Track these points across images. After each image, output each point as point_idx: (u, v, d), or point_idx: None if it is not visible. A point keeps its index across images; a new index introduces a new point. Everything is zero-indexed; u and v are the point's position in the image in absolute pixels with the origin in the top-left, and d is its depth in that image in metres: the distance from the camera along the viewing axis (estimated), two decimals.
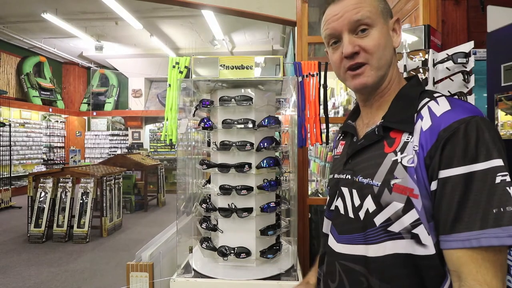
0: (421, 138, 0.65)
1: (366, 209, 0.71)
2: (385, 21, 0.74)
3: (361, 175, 0.73)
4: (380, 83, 0.76)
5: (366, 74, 0.73)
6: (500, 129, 1.18)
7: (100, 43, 9.08)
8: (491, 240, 0.56)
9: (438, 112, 0.65)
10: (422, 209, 0.64)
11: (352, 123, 0.86)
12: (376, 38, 0.72)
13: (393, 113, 0.73)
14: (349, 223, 0.76)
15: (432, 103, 0.68)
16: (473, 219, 0.57)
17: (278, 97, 1.75)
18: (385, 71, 0.75)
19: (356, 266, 0.72)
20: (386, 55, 0.74)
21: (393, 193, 0.67)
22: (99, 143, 11.78)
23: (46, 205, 4.79)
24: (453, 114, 0.63)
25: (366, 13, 0.71)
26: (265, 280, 1.41)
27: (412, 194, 0.65)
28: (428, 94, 0.71)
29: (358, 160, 0.76)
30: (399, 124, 0.70)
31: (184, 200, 1.66)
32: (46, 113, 10.26)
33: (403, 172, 0.66)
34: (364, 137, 0.77)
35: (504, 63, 1.15)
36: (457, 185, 0.59)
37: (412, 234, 0.65)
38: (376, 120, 0.77)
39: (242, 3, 2.04)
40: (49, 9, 7.02)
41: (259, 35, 8.62)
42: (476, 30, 1.64)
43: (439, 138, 0.62)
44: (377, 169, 0.70)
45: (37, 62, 9.90)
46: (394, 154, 0.68)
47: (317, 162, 4.79)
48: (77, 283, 3.40)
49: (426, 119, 0.66)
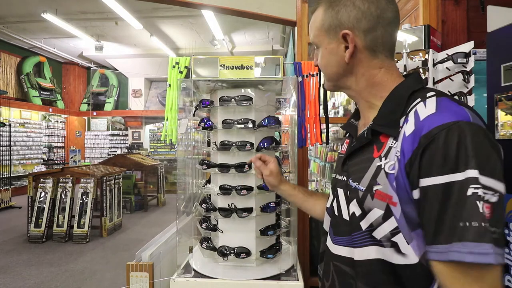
0: (403, 144, 0.62)
1: (353, 212, 0.72)
2: (332, 38, 0.76)
3: (351, 178, 0.74)
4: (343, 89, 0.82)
5: (325, 80, 0.86)
6: (500, 129, 1.18)
7: (100, 43, 9.08)
8: (454, 255, 0.53)
9: (422, 116, 0.62)
10: (401, 217, 0.63)
11: (354, 123, 0.86)
12: (320, 57, 0.81)
13: (382, 116, 0.71)
14: (342, 225, 0.77)
15: (420, 105, 0.65)
16: (449, 232, 0.55)
17: (278, 97, 1.75)
18: (336, 82, 0.81)
19: (346, 268, 0.73)
20: (330, 72, 0.80)
21: (374, 199, 0.66)
22: (99, 143, 11.78)
23: (46, 205, 4.79)
24: (436, 118, 0.60)
25: (312, 37, 0.82)
26: (265, 280, 1.41)
27: (391, 202, 0.64)
28: (422, 93, 0.68)
29: (352, 163, 0.77)
30: (385, 128, 0.68)
31: (184, 200, 1.66)
32: (46, 113, 10.26)
33: (384, 179, 0.65)
34: (357, 139, 0.77)
35: (504, 63, 1.15)
36: (436, 196, 0.57)
37: (391, 242, 0.65)
38: (368, 121, 0.76)
39: (242, 3, 2.04)
40: (49, 9, 7.02)
41: (259, 35, 8.62)
42: (476, 30, 1.64)
43: (419, 145, 0.59)
44: (364, 174, 0.70)
45: (37, 62, 9.90)
46: (379, 160, 0.67)
47: (317, 162, 4.79)
48: (77, 283, 3.40)
49: (410, 123, 0.63)
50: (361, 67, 0.75)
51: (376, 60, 0.74)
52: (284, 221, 1.68)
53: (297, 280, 1.42)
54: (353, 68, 0.76)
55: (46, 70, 10.29)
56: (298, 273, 1.48)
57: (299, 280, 1.42)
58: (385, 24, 0.72)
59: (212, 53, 9.26)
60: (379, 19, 0.71)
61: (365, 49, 0.74)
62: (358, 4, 0.71)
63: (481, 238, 0.52)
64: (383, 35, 0.73)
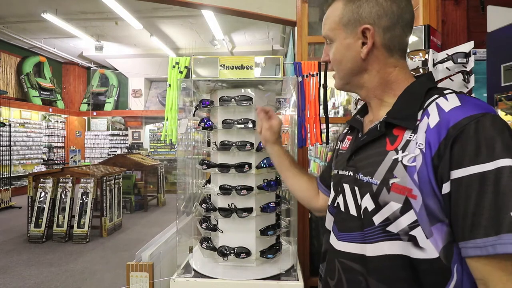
0: (428, 136, 0.61)
1: (365, 207, 0.70)
2: (350, 32, 0.74)
3: (362, 173, 0.72)
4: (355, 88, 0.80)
5: (336, 79, 0.82)
6: None
7: (100, 43, 9.08)
8: (507, 247, 0.51)
9: (447, 108, 0.62)
10: (422, 210, 0.62)
11: (360, 118, 0.85)
12: (333, 52, 0.78)
13: (397, 110, 0.71)
14: (349, 220, 0.75)
15: (441, 99, 0.65)
16: (490, 223, 0.53)
17: (278, 97, 1.75)
18: (348, 80, 0.79)
19: (354, 265, 0.72)
20: (345, 67, 0.77)
21: (391, 192, 0.65)
22: (99, 143, 11.78)
23: (46, 205, 4.79)
24: (463, 110, 0.59)
25: (327, 31, 0.79)
26: (265, 280, 1.41)
27: (411, 195, 0.62)
28: (438, 90, 0.69)
29: (360, 157, 0.75)
30: (401, 121, 0.68)
31: (184, 200, 1.66)
32: (46, 113, 10.25)
33: (402, 172, 0.64)
34: (367, 133, 0.76)
35: (504, 63, 1.16)
36: (471, 187, 0.55)
37: (409, 236, 0.63)
38: (380, 116, 0.76)
39: (242, 3, 2.04)
40: (49, 9, 7.02)
41: (259, 35, 8.62)
42: (476, 30, 1.64)
43: (448, 136, 0.59)
44: (377, 167, 0.68)
45: (37, 62, 9.89)
46: (395, 153, 0.66)
47: (317, 162, 4.79)
48: (77, 283, 3.40)
49: (433, 115, 0.63)
50: (377, 64, 0.75)
51: (391, 59, 0.75)
52: (284, 221, 1.68)
53: (297, 280, 1.42)
54: (368, 65, 0.75)
55: (46, 70, 10.29)
56: (298, 273, 1.48)
57: (299, 280, 1.42)
58: (403, 25, 0.73)
59: (212, 53, 9.26)
60: (399, 19, 0.72)
61: (382, 47, 0.73)
62: (381, 1, 0.71)
63: None
64: (401, 35, 0.73)
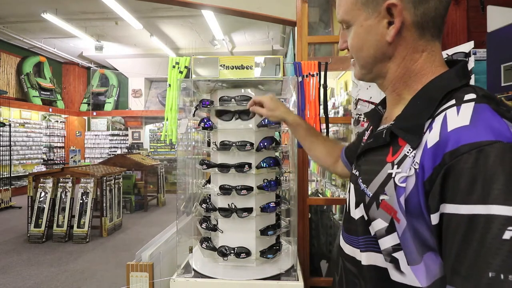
0: (423, 157, 0.52)
1: (361, 215, 0.66)
2: (371, 12, 0.61)
3: (361, 178, 0.66)
4: (375, 78, 0.68)
5: (355, 68, 0.71)
6: None
7: (100, 43, 9.08)
8: None
9: (451, 126, 0.50)
10: (405, 235, 0.55)
11: (380, 110, 0.74)
12: (352, 37, 0.66)
13: (405, 117, 0.60)
14: (351, 223, 0.71)
15: (452, 111, 0.52)
16: (468, 276, 0.45)
17: (278, 97, 1.75)
18: (370, 69, 0.67)
19: (352, 268, 0.70)
20: (365, 55, 0.65)
21: (380, 209, 0.59)
22: (99, 143, 11.78)
23: (46, 205, 4.79)
24: (467, 134, 0.48)
25: (342, 13, 0.66)
26: (265, 280, 1.41)
27: (395, 217, 0.56)
28: (460, 93, 0.54)
29: (365, 159, 0.69)
30: (405, 133, 0.58)
31: (184, 200, 1.66)
32: (46, 113, 10.25)
33: (392, 190, 0.57)
34: (373, 136, 0.69)
35: (504, 63, 1.16)
36: (459, 228, 0.46)
37: (391, 257, 0.58)
38: (392, 117, 0.65)
39: (242, 3, 2.04)
40: (49, 9, 7.02)
41: (259, 35, 8.61)
42: (476, 30, 1.64)
43: (441, 163, 0.49)
44: (374, 178, 0.62)
45: (37, 62, 9.89)
46: (391, 166, 0.58)
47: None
48: (77, 283, 3.40)
49: (434, 132, 0.52)
50: (404, 49, 0.62)
51: (421, 41, 0.61)
52: (284, 221, 1.68)
53: (297, 280, 1.42)
54: (395, 50, 0.62)
55: (46, 70, 10.28)
56: (298, 273, 1.48)
57: (299, 280, 1.42)
58: None
59: (212, 53, 9.26)
60: None
61: (413, 26, 0.59)
62: None
63: None
64: (437, 7, 0.58)
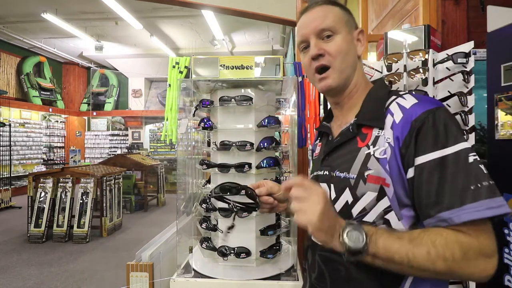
0: (395, 130, 0.70)
1: (345, 201, 0.76)
2: (350, 31, 0.82)
3: (338, 170, 0.79)
4: (345, 85, 0.83)
5: (331, 77, 0.81)
6: (500, 129, 1.18)
7: (100, 43, 9.08)
8: (472, 214, 0.60)
9: (408, 105, 0.71)
10: (393, 196, 0.70)
11: (327, 124, 0.92)
12: (339, 43, 0.80)
13: (365, 112, 0.79)
14: None
15: (400, 99, 0.75)
16: (453, 198, 0.61)
17: (278, 97, 1.75)
18: (348, 74, 0.82)
19: (334, 256, 0.75)
20: (348, 59, 0.81)
21: (367, 183, 0.72)
22: (99, 143, 11.78)
23: (46, 205, 4.79)
24: (421, 106, 0.70)
25: (331, 23, 0.80)
26: (265, 280, 1.41)
27: (384, 183, 0.70)
28: (394, 93, 0.79)
29: (334, 157, 0.82)
30: (371, 121, 0.76)
31: (184, 200, 1.66)
32: (46, 113, 10.25)
33: (376, 164, 0.72)
34: (340, 135, 0.83)
35: (504, 63, 1.16)
36: (434, 170, 0.64)
37: (384, 219, 0.71)
38: (348, 119, 0.83)
39: (242, 3, 2.04)
40: (49, 9, 7.02)
41: (259, 35, 8.61)
42: (476, 30, 1.64)
43: (411, 128, 0.68)
44: (352, 163, 0.75)
45: (37, 62, 9.89)
46: (367, 148, 0.74)
47: None
48: (77, 283, 3.40)
49: (397, 112, 0.72)
50: (360, 65, 0.85)
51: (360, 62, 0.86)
52: (284, 221, 1.68)
53: (297, 280, 1.42)
54: (357, 64, 0.84)
55: (46, 70, 10.28)
56: (298, 273, 1.48)
57: (299, 280, 1.42)
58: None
59: (212, 53, 9.26)
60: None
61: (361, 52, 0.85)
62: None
63: (494, 194, 0.60)
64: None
